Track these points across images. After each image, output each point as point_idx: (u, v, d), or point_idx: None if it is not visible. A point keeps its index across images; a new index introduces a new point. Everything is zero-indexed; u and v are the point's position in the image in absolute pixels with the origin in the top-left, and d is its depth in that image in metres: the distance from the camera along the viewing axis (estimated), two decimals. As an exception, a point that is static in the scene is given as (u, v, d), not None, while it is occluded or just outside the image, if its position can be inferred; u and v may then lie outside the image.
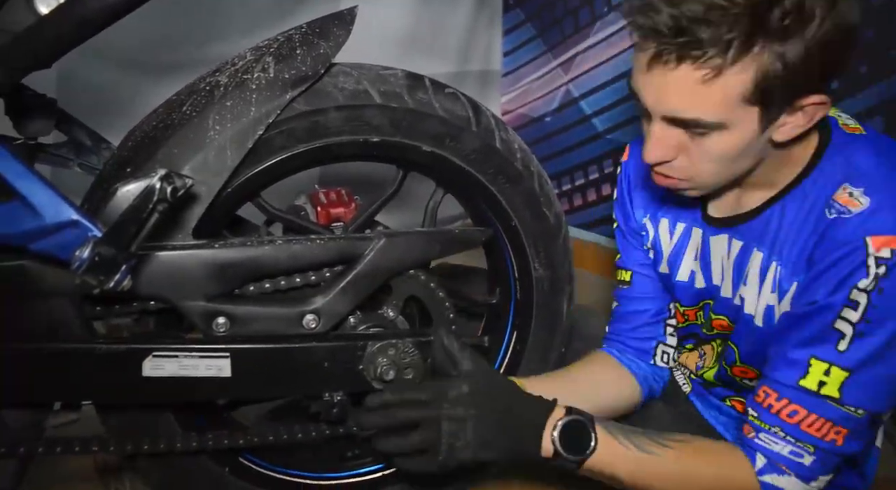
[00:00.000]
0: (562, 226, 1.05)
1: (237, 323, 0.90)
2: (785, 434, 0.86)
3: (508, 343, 1.10)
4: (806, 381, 0.85)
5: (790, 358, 0.86)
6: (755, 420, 0.89)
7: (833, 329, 0.83)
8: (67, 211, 0.74)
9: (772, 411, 0.87)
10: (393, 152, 0.95)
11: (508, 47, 2.18)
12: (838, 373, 0.84)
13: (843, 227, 0.84)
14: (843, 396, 0.84)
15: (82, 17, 0.77)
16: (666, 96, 0.81)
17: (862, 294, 0.81)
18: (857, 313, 0.82)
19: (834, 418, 0.85)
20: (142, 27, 1.15)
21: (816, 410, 0.85)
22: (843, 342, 0.83)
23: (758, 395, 0.90)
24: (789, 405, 0.86)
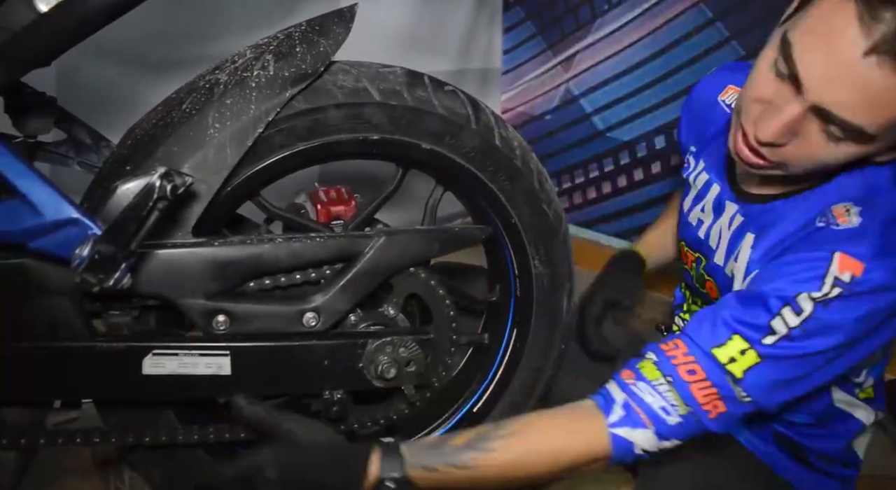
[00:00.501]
0: (562, 223, 1.05)
1: (237, 321, 0.90)
2: (670, 387, 0.85)
3: (508, 340, 1.10)
4: (719, 351, 0.84)
5: (717, 325, 0.85)
6: (646, 366, 0.87)
7: (769, 324, 0.82)
8: (67, 209, 0.74)
9: (673, 361, 0.86)
10: (392, 150, 0.95)
11: (508, 45, 2.18)
12: (752, 357, 0.83)
13: (823, 236, 0.84)
14: (743, 378, 0.83)
15: (82, 14, 0.77)
16: (849, 95, 0.74)
17: (809, 303, 0.81)
18: (797, 319, 0.81)
19: (723, 393, 0.84)
20: (141, 25, 1.15)
21: (714, 379, 0.84)
22: (771, 337, 0.82)
23: (666, 343, 0.88)
24: (694, 364, 0.85)
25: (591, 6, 1.94)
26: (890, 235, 0.82)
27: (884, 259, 0.80)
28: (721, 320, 0.85)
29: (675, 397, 0.84)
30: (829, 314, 0.80)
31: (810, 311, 0.81)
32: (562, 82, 2.06)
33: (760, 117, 0.81)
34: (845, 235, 0.82)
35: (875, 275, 0.79)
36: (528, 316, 1.07)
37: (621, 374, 0.89)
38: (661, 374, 0.86)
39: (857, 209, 0.84)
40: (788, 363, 0.83)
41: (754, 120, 0.83)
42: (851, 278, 0.79)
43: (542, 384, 1.10)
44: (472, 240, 1.01)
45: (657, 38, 1.82)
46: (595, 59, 1.97)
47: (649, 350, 0.89)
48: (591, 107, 2.01)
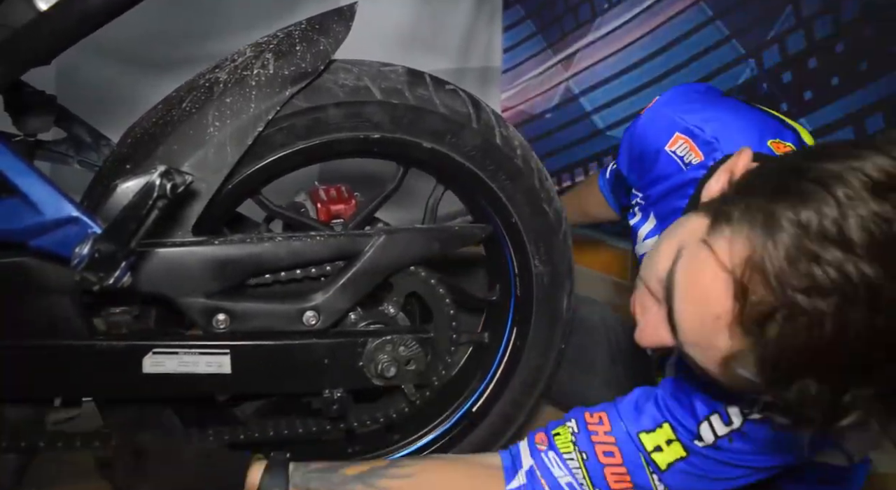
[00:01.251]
0: (562, 222, 1.05)
1: (237, 320, 0.90)
2: (581, 466, 0.82)
3: (508, 339, 1.10)
4: (647, 438, 0.82)
5: (649, 410, 0.83)
6: (562, 437, 0.85)
7: (697, 427, 0.80)
8: (67, 208, 0.74)
9: (592, 438, 0.83)
10: (393, 149, 0.95)
11: (508, 44, 2.18)
12: (678, 449, 0.81)
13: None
14: (665, 472, 0.81)
15: (82, 13, 0.77)
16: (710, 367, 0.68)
17: (739, 418, 0.78)
18: (725, 429, 0.79)
19: (637, 482, 0.82)
20: (141, 23, 1.15)
21: (629, 465, 0.82)
22: (699, 442, 0.81)
23: (591, 414, 0.85)
24: (612, 446, 0.82)
25: (591, 5, 1.94)
26: None
27: None
28: (655, 404, 0.83)
29: (584, 476, 0.82)
30: (759, 431, 0.78)
31: (738, 425, 0.78)
32: (562, 81, 2.06)
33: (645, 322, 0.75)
34: None
35: None
36: (528, 315, 1.07)
37: (534, 438, 0.87)
38: (576, 449, 0.83)
39: None
40: (712, 466, 0.80)
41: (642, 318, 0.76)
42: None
43: (542, 382, 1.10)
44: (472, 239, 1.01)
45: (657, 37, 1.81)
46: (595, 57, 1.96)
47: (572, 417, 0.87)
48: (591, 105, 2.01)
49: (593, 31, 1.95)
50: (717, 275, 0.63)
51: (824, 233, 0.57)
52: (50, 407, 0.95)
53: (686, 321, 0.67)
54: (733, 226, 0.63)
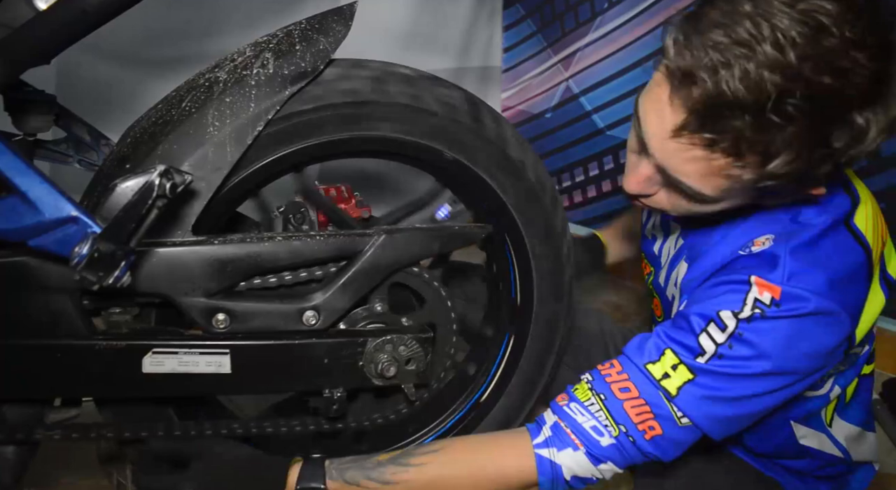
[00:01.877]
0: (566, 230, 1.05)
1: (237, 319, 0.90)
2: (602, 406, 0.85)
3: (509, 338, 1.10)
4: (653, 367, 0.85)
5: (650, 342, 0.87)
6: (581, 388, 0.88)
7: (697, 341, 0.83)
8: (67, 207, 0.74)
9: (607, 380, 0.86)
10: (393, 149, 0.95)
11: (508, 43, 2.18)
12: (685, 372, 0.83)
13: (741, 260, 0.86)
14: (678, 396, 0.83)
15: (82, 12, 0.77)
16: (678, 164, 0.79)
17: (732, 319, 0.82)
18: (723, 335, 0.82)
19: (658, 412, 0.84)
20: (141, 23, 1.15)
21: (647, 397, 0.84)
22: (701, 358, 0.83)
23: (604, 364, 0.89)
24: (626, 381, 0.85)
25: (591, 4, 1.94)
26: (800, 257, 0.83)
27: (798, 279, 0.81)
28: (655, 338, 0.87)
29: (606, 417, 0.85)
30: (754, 332, 0.81)
31: (734, 327, 0.82)
32: (562, 80, 2.06)
33: (627, 172, 0.88)
34: (759, 261, 0.84)
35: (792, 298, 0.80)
36: (528, 317, 1.07)
37: (557, 398, 0.90)
38: (594, 394, 0.86)
39: (770, 237, 0.86)
40: (721, 382, 0.83)
41: (625, 171, 0.88)
42: (771, 300, 0.81)
43: (542, 381, 1.10)
44: (472, 238, 1.01)
45: (657, 37, 1.81)
46: (595, 57, 1.96)
47: (587, 373, 0.90)
48: (590, 105, 2.01)
49: (593, 30, 1.95)
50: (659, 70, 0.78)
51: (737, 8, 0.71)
52: (50, 406, 0.95)
53: (647, 122, 0.80)
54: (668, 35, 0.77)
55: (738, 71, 0.70)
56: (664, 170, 0.81)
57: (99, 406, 0.95)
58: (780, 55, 0.69)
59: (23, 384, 0.88)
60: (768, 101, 0.69)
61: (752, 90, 0.70)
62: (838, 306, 0.82)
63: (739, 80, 0.70)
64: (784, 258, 0.83)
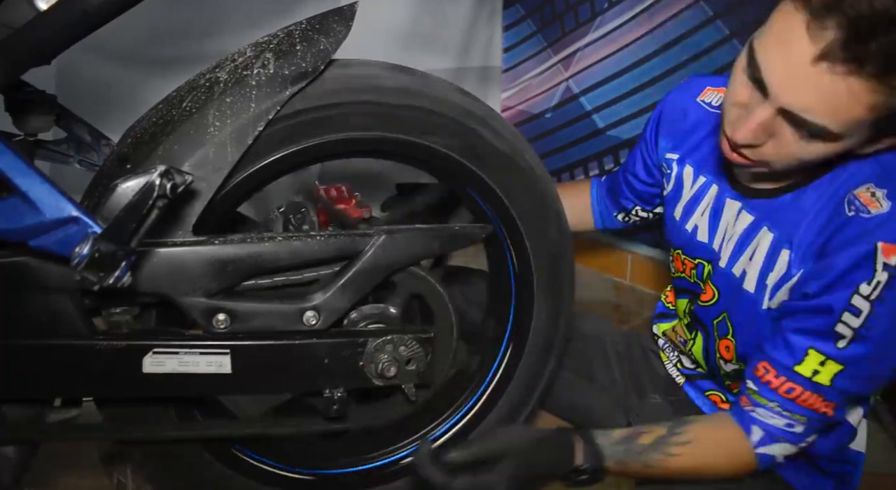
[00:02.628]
0: (568, 242, 1.05)
1: (238, 319, 0.90)
2: (782, 408, 0.91)
3: (509, 339, 1.10)
4: (801, 368, 0.89)
5: (790, 342, 0.90)
6: (754, 395, 0.94)
7: (834, 330, 0.86)
8: (67, 207, 0.74)
9: (770, 387, 0.92)
10: (391, 148, 0.95)
11: (508, 43, 2.18)
12: (833, 366, 0.87)
13: (859, 226, 0.86)
14: (833, 384, 0.88)
15: (82, 12, 0.77)
16: (810, 99, 0.77)
17: (865, 302, 0.83)
18: (858, 320, 0.84)
19: (826, 395, 0.89)
20: (142, 23, 1.15)
21: (811, 388, 0.89)
22: (842, 341, 0.86)
23: (757, 368, 0.93)
24: (787, 382, 0.90)
25: (591, 4, 1.94)
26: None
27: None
28: (791, 338, 0.90)
29: (790, 415, 0.91)
30: (886, 307, 0.83)
31: (868, 310, 0.84)
32: (562, 80, 2.06)
33: (736, 121, 0.85)
34: (881, 222, 0.84)
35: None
36: (528, 318, 1.07)
37: (741, 401, 0.97)
38: (767, 400, 0.92)
39: (882, 191, 0.86)
40: (868, 360, 0.86)
41: (732, 123, 0.86)
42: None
43: (543, 380, 1.10)
44: (472, 238, 1.01)
45: (657, 37, 1.81)
46: (595, 57, 1.96)
47: (748, 378, 0.96)
48: (590, 105, 2.01)
49: (593, 30, 1.95)
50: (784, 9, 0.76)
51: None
52: (50, 406, 0.95)
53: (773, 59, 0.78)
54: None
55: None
56: (789, 110, 0.79)
57: (99, 406, 0.95)
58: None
59: (23, 384, 0.88)
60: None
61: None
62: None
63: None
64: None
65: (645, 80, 1.87)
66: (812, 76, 0.75)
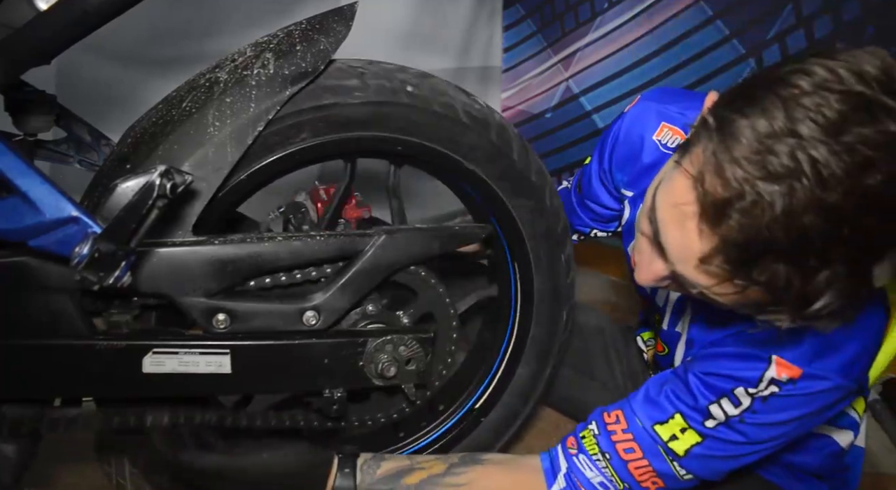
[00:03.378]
0: (567, 235, 1.05)
1: (237, 319, 0.90)
2: (608, 465, 0.88)
3: (510, 337, 1.10)
4: (661, 428, 0.86)
5: (660, 402, 0.88)
6: (588, 439, 0.90)
7: (707, 409, 0.84)
8: (67, 207, 0.74)
9: (612, 438, 0.89)
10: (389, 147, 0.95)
11: (508, 43, 2.18)
12: (693, 436, 0.85)
13: (761, 334, 0.85)
14: (684, 457, 0.85)
15: (82, 12, 0.77)
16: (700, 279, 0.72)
17: (747, 397, 0.83)
18: (735, 410, 0.83)
19: (661, 471, 0.87)
20: (142, 23, 1.15)
21: (651, 458, 0.87)
22: (710, 421, 0.85)
23: (610, 414, 0.91)
24: (631, 442, 0.87)
25: (591, 4, 1.94)
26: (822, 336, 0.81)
27: (821, 361, 0.81)
28: (665, 396, 0.87)
29: (612, 474, 0.88)
30: (768, 410, 0.82)
31: (748, 405, 0.83)
32: (562, 80, 2.06)
33: (640, 261, 0.82)
34: (783, 338, 0.81)
35: (811, 378, 0.80)
36: (529, 318, 1.07)
37: (566, 442, 0.92)
38: (599, 450, 0.88)
39: None
40: (728, 445, 0.85)
41: (637, 258, 0.83)
42: (789, 380, 0.81)
43: (543, 379, 1.10)
44: (472, 238, 1.01)
45: (657, 37, 1.81)
46: (595, 57, 1.96)
47: (593, 419, 0.92)
48: (590, 105, 2.01)
49: (593, 30, 1.95)
50: (683, 182, 0.70)
51: (774, 131, 0.63)
52: (50, 406, 0.95)
53: (668, 234, 0.73)
54: (699, 142, 0.69)
55: (777, 210, 0.63)
56: (684, 280, 0.75)
57: (99, 406, 0.95)
58: (823, 194, 0.62)
59: (23, 384, 0.88)
60: (810, 247, 0.63)
61: (791, 234, 0.63)
62: (854, 383, 0.82)
63: (777, 223, 0.63)
64: (808, 337, 0.81)
65: (645, 80, 1.87)
66: (702, 267, 0.71)
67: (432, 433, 1.11)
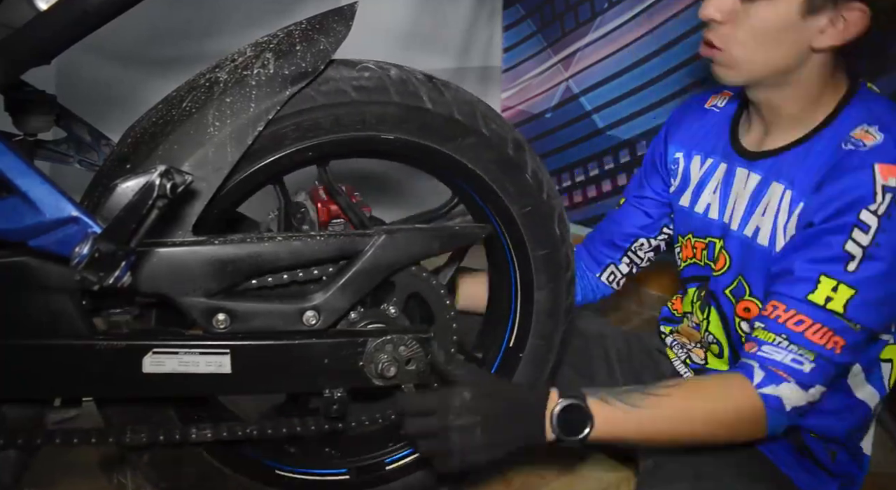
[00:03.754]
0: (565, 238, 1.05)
1: (237, 319, 0.90)
2: (789, 342, 0.90)
3: (507, 345, 1.10)
4: (814, 296, 0.90)
5: (799, 274, 0.91)
6: (761, 332, 0.93)
7: (844, 250, 0.88)
8: (67, 207, 0.74)
9: (779, 321, 0.91)
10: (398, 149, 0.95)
11: (508, 43, 2.18)
12: (845, 290, 0.89)
13: (855, 156, 0.90)
14: (846, 312, 0.89)
15: (82, 12, 0.77)
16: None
17: (872, 217, 0.87)
18: (867, 236, 0.87)
19: (836, 328, 0.89)
20: (142, 23, 1.15)
21: (821, 320, 0.90)
22: (852, 263, 0.88)
23: (765, 309, 0.94)
24: (796, 315, 0.91)
25: (591, 4, 1.94)
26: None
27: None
28: (800, 269, 0.91)
29: (797, 349, 0.90)
30: (894, 223, 0.86)
31: (876, 226, 0.87)
32: (562, 80, 2.06)
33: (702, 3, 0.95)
34: (876, 149, 0.89)
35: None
36: (528, 320, 1.07)
37: (745, 347, 0.95)
38: (775, 334, 0.91)
39: (874, 127, 0.92)
40: (880, 281, 0.88)
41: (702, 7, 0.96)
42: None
43: (543, 379, 1.10)
44: (472, 238, 1.01)
45: (657, 37, 1.81)
46: (595, 57, 1.96)
47: (755, 320, 0.95)
48: (590, 105, 2.01)
49: (593, 30, 1.95)
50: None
51: None
52: (50, 406, 0.95)
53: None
54: None
55: None
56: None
57: (99, 406, 0.95)
58: None
59: (23, 384, 0.88)
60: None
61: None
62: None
63: None
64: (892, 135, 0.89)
65: (645, 80, 1.87)
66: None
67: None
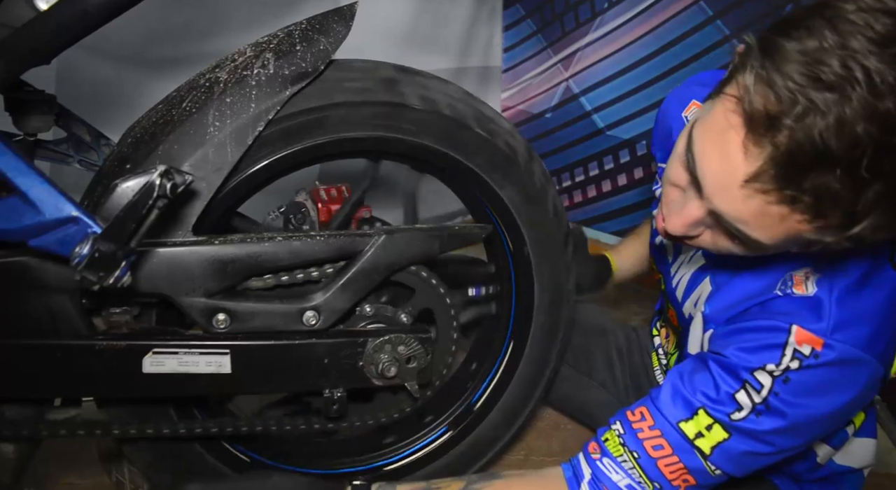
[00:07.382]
0: (567, 239, 1.05)
1: (237, 319, 0.90)
2: (635, 464, 0.84)
3: (510, 339, 1.10)
4: (686, 426, 0.83)
5: (683, 395, 0.84)
6: (612, 440, 0.87)
7: (733, 398, 0.81)
8: (67, 207, 0.74)
9: (639, 435, 0.85)
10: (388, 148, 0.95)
11: (508, 43, 2.18)
12: (719, 432, 0.82)
13: (779, 304, 0.83)
14: (712, 454, 0.83)
15: (82, 12, 0.77)
16: (741, 213, 0.71)
17: (767, 377, 0.80)
18: (759, 395, 0.80)
19: (692, 468, 0.84)
20: (142, 23, 1.15)
21: (681, 454, 0.83)
22: (738, 413, 0.81)
23: (634, 412, 0.87)
24: (659, 438, 0.84)
25: (591, 4, 1.94)
26: (846, 306, 0.79)
27: (843, 332, 0.78)
28: (688, 391, 0.84)
29: (640, 475, 0.84)
30: (790, 389, 0.79)
31: (770, 386, 0.80)
32: (562, 80, 2.06)
33: (670, 210, 0.81)
34: (801, 306, 0.81)
35: (834, 350, 0.78)
36: (529, 319, 1.07)
37: (588, 448, 0.89)
38: (626, 450, 0.85)
39: (815, 277, 0.82)
40: (756, 439, 0.82)
41: (667, 209, 0.82)
42: (811, 352, 0.78)
43: (544, 379, 1.10)
44: (472, 238, 1.01)
45: (657, 37, 1.81)
46: (595, 57, 1.96)
47: (616, 419, 0.89)
48: (590, 105, 2.01)
49: (593, 30, 1.95)
50: (726, 106, 0.70)
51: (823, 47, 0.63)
52: (50, 406, 0.95)
53: (708, 164, 0.72)
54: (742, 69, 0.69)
55: (831, 119, 0.62)
56: (720, 216, 0.74)
57: (99, 406, 0.95)
58: (876, 102, 0.62)
59: (23, 384, 0.88)
60: (863, 156, 0.62)
61: (845, 142, 0.62)
62: (880, 364, 0.80)
63: (831, 131, 0.62)
64: (830, 308, 0.79)
65: (645, 80, 1.87)
66: (744, 193, 0.69)
67: (433, 432, 1.12)
